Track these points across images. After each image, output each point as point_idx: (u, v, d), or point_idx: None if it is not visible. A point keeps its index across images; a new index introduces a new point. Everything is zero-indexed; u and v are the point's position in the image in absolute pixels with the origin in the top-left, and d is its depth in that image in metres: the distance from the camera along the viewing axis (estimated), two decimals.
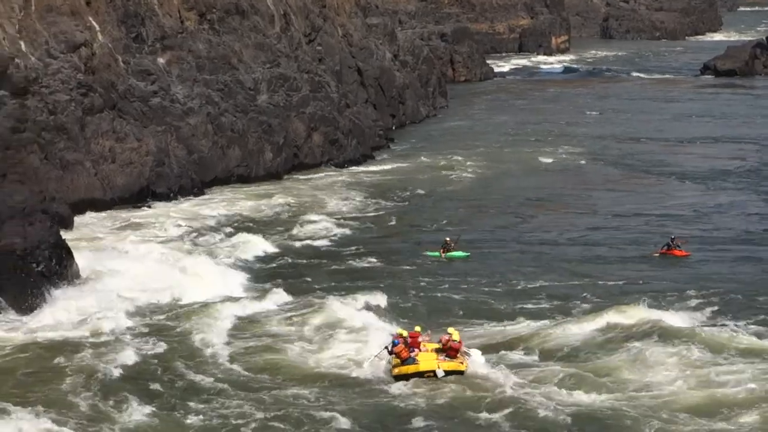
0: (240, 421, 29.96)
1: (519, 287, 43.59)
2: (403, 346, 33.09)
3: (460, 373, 32.91)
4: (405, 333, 34.04)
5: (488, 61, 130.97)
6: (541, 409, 30.73)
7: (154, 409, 30.64)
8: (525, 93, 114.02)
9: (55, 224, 45.77)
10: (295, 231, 53.34)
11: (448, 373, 32.75)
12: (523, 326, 38.07)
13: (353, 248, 50.06)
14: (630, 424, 29.85)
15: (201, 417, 30.27)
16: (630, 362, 34.09)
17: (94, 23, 58.95)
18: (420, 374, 32.67)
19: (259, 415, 30.38)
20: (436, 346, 33.72)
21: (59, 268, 43.06)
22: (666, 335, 36.00)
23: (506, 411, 30.72)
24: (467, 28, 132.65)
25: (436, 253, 48.22)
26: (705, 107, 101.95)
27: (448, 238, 48.91)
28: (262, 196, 61.04)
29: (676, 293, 41.66)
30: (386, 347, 33.68)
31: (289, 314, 38.79)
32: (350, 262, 47.72)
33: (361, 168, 71.93)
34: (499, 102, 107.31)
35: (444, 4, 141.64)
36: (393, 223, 56.14)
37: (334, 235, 52.86)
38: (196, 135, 62.46)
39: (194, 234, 51.70)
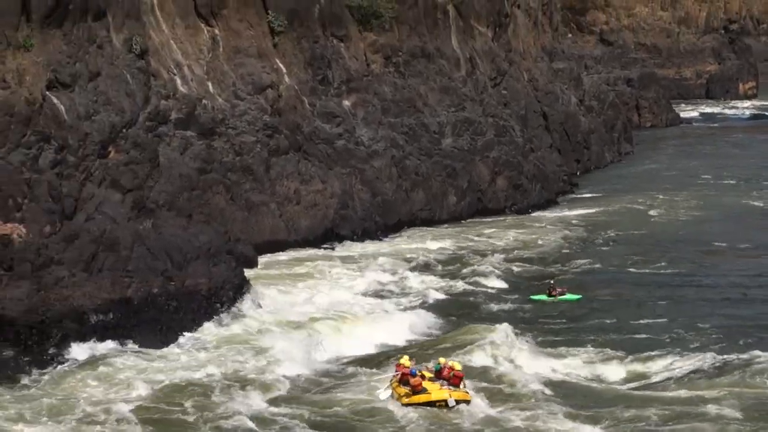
0: None
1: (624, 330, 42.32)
2: (420, 377, 33.06)
3: (467, 402, 32.77)
4: (408, 362, 34.14)
5: (674, 107, 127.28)
6: None
7: None
8: (713, 139, 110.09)
9: (240, 265, 45.34)
10: (481, 273, 51.79)
11: (458, 402, 32.56)
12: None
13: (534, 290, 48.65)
14: None
15: None
16: None
17: (280, 65, 58.51)
18: (431, 403, 32.49)
19: None
20: (430, 375, 33.75)
21: (243, 309, 42.43)
22: None
23: None
24: (654, 73, 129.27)
25: (543, 296, 47.26)
26: None
27: (552, 281, 48.31)
28: (447, 239, 59.56)
29: None
30: (400, 376, 33.48)
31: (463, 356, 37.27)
32: (520, 305, 46.53)
33: (545, 213, 69.92)
34: (686, 147, 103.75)
35: (630, 49, 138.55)
36: (576, 266, 54.18)
37: (521, 277, 51.55)
38: (381, 178, 61.42)
39: (380, 276, 50.41)
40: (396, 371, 34.12)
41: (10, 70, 41.69)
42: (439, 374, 33.70)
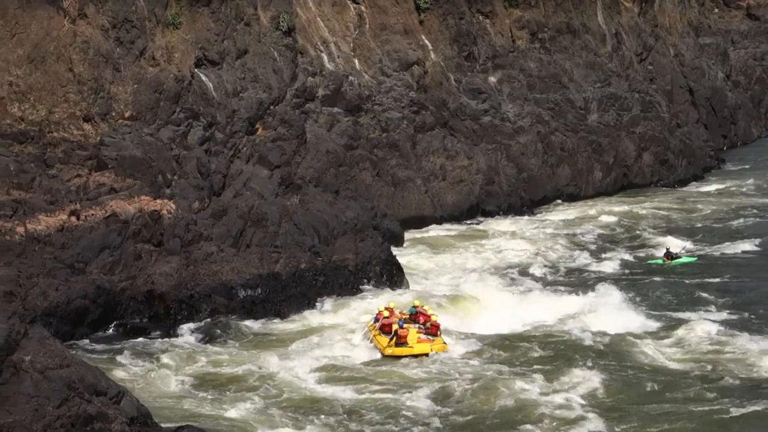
0: None
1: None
2: (407, 330, 33.40)
3: (445, 352, 33.20)
4: (391, 307, 34.64)
5: None
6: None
7: None
8: None
9: (386, 240, 44.01)
10: (634, 248, 49.65)
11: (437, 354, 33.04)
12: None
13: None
14: None
15: None
16: None
17: (426, 42, 56.81)
18: (414, 356, 32.79)
19: None
20: (405, 317, 34.37)
21: (390, 283, 41.20)
22: None
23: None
24: None
25: (660, 261, 46.29)
26: None
27: (668, 248, 47.25)
28: (594, 215, 57.38)
29: None
30: (381, 325, 33.81)
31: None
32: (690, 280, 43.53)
33: (691, 188, 67.39)
34: None
35: None
36: (713, 236, 51.88)
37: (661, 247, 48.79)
38: (526, 153, 59.39)
39: (527, 252, 48.36)
40: (376, 319, 34.26)
41: (159, 47, 40.96)
42: (414, 318, 34.22)
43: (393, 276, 41.75)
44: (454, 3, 59.12)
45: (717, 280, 43.20)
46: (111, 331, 35.12)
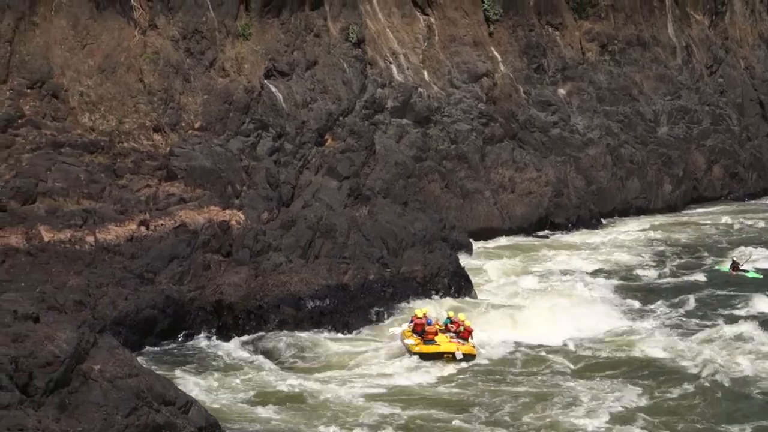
0: None
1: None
2: (435, 326, 33.84)
3: (473, 356, 33.07)
4: (425, 311, 34.84)
5: None
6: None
7: None
8: None
9: (455, 252, 43.47)
10: (701, 263, 48.54)
11: (465, 355, 32.88)
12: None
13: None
14: None
15: None
16: None
17: (496, 54, 56.25)
18: (440, 355, 32.92)
19: None
20: (440, 327, 34.29)
21: (458, 295, 40.58)
22: None
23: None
24: None
25: (726, 269, 45.84)
26: None
27: (734, 258, 46.59)
28: (663, 228, 56.47)
29: None
30: (414, 326, 33.97)
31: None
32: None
33: (762, 201, 66.83)
34: None
35: None
36: None
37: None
38: (595, 166, 58.61)
39: (596, 264, 47.50)
40: (411, 322, 34.49)
41: (229, 58, 40.77)
42: (447, 328, 34.31)
43: (461, 287, 41.09)
44: (524, 15, 58.61)
45: None
46: (180, 340, 34.80)
